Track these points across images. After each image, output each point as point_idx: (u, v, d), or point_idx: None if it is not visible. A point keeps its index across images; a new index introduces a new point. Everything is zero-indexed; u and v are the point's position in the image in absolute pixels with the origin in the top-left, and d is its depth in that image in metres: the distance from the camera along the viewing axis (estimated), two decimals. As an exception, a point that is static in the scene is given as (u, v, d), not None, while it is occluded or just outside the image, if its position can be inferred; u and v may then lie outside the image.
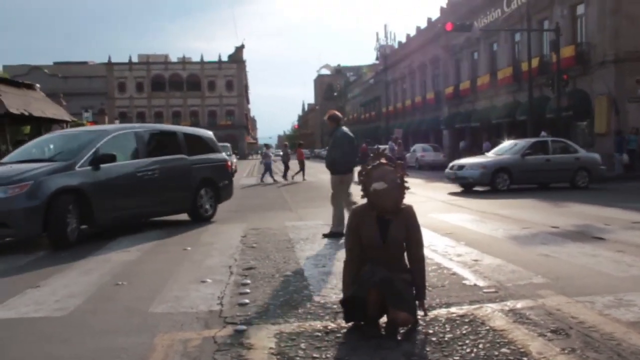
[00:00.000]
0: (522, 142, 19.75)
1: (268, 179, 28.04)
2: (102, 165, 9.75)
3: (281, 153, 29.38)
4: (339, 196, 9.70)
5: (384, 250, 4.59)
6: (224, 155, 13.64)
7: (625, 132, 25.52)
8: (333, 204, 9.71)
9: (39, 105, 21.24)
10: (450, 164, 19.63)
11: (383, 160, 4.73)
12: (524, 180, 18.51)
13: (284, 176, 28.84)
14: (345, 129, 9.99)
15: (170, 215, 12.03)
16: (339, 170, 9.75)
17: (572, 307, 4.95)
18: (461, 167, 18.61)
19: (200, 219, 11.91)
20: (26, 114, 19.39)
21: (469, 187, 18.68)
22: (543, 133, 26.76)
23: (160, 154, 11.24)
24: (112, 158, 9.90)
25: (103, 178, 9.77)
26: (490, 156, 19.52)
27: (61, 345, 4.48)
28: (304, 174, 28.89)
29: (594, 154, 20.59)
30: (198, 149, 12.37)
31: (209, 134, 13.67)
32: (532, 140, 20.10)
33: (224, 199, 12.92)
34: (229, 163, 13.44)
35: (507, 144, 20.87)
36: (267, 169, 28.53)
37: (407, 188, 4.73)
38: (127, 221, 10.74)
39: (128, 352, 4.23)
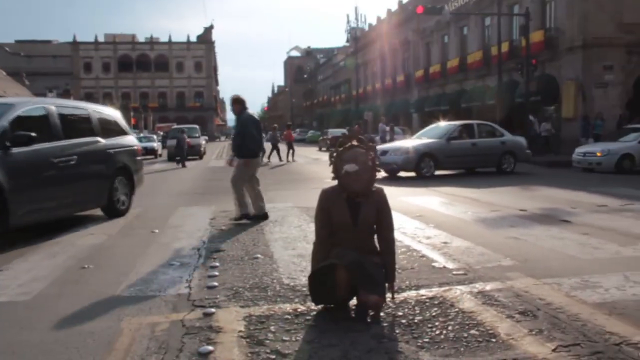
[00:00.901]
0: (447, 126, 19.00)
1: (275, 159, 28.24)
2: (14, 149, 7.82)
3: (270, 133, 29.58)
4: (242, 180, 9.50)
5: (354, 233, 4.57)
6: (134, 138, 12.05)
7: (592, 117, 25.92)
8: (233, 188, 9.51)
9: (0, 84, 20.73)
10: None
11: (355, 142, 4.70)
12: (450, 166, 18.00)
13: (268, 157, 28.80)
14: (250, 112, 9.81)
15: (84, 212, 10.11)
16: (244, 154, 9.55)
17: (539, 289, 5.01)
18: (384, 152, 17.31)
19: (116, 214, 10.17)
20: (-12, 93, 18.92)
21: (392, 173, 17.32)
22: (531, 117, 26.94)
23: (74, 136, 9.37)
24: (28, 139, 7.98)
25: (17, 165, 7.84)
26: (415, 140, 18.75)
27: (25, 330, 4.38)
28: (293, 155, 29.16)
29: (520, 137, 20.32)
30: (110, 131, 10.63)
31: (118, 113, 11.86)
32: (457, 123, 19.31)
33: (136, 189, 11.21)
34: (139, 148, 11.79)
35: (430, 127, 20.20)
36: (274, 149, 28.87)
37: (379, 171, 4.71)
38: (43, 221, 8.69)
39: (94, 336, 4.15)
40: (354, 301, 4.56)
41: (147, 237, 8.20)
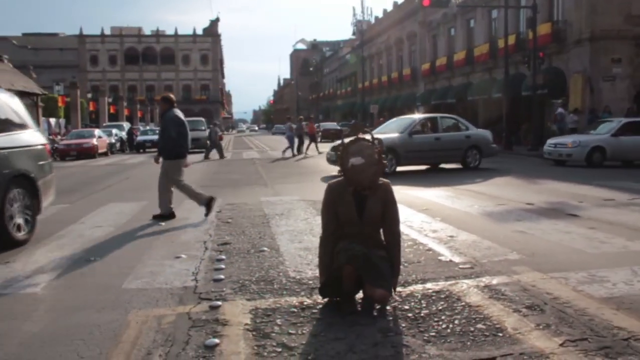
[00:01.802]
0: (409, 119, 17.98)
1: (288, 152, 28.14)
2: None
3: (294, 126, 29.23)
4: (167, 180, 9.25)
5: (360, 226, 4.56)
6: (39, 134, 8.79)
7: (599, 110, 25.78)
8: (159, 187, 9.26)
9: (7, 77, 20.78)
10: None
11: (361, 135, 4.68)
12: (412, 162, 16.84)
13: (299, 150, 28.67)
14: (176, 111, 9.35)
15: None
16: (167, 155, 9.25)
17: (546, 283, 4.99)
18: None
19: (10, 242, 7.09)
20: (-6, 86, 18.93)
21: None
22: (561, 110, 26.21)
23: None
24: None
25: None
26: (376, 135, 17.99)
27: (32, 322, 4.39)
28: (317, 147, 29.01)
29: (485, 131, 19.46)
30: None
31: (16, 99, 8.63)
32: (420, 116, 18.38)
33: (43, 205, 8.16)
34: (48, 146, 9.04)
35: (392, 121, 19.24)
36: (291, 142, 28.70)
37: (385, 164, 4.69)
38: None
39: (101, 328, 4.16)
40: (360, 295, 4.55)
41: (153, 229, 8.22)
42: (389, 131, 17.18)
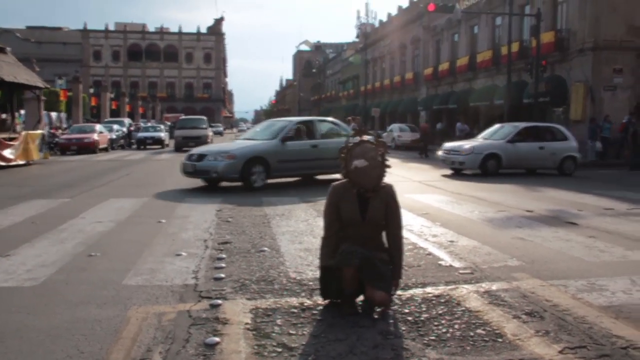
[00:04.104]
0: (282, 123, 15.08)
1: None
2: None
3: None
4: None
5: (362, 228, 4.57)
6: None
7: (600, 119, 25.81)
8: None
9: (10, 69, 20.72)
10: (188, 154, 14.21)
11: (365, 138, 4.69)
12: (284, 173, 14.25)
13: None
14: None
15: None
16: None
17: (546, 291, 5.00)
18: (202, 156, 13.39)
19: None
20: (-3, 78, 18.91)
21: (212, 182, 13.71)
22: (627, 117, 24.30)
23: None
24: None
25: None
26: (241, 142, 14.94)
27: (33, 315, 4.40)
28: None
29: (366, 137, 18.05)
30: None
31: None
32: (295, 120, 15.55)
33: None
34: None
35: (262, 125, 17.09)
36: None
37: (388, 166, 4.70)
38: None
39: (101, 324, 4.17)
40: (361, 297, 4.56)
41: (154, 226, 8.23)
42: (257, 137, 14.85)
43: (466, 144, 18.42)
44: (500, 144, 17.82)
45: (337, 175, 14.17)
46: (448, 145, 19.35)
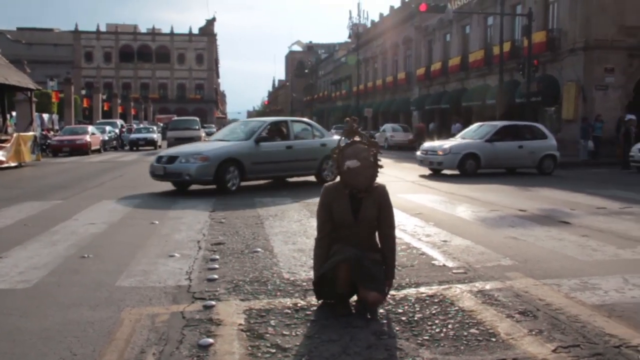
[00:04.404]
0: (255, 123, 14.57)
1: None
2: None
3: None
4: None
5: (355, 229, 4.56)
6: None
7: (592, 119, 25.91)
8: None
9: (1, 71, 20.65)
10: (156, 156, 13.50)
11: (357, 138, 4.69)
12: (259, 175, 13.61)
13: None
14: None
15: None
16: None
17: (539, 290, 5.02)
18: (173, 158, 12.61)
19: None
20: (-12, 80, 18.83)
21: (183, 186, 13.04)
22: (631, 116, 23.52)
23: None
24: None
25: None
26: (215, 143, 13.84)
27: (24, 318, 4.38)
28: None
29: (337, 138, 16.64)
30: None
31: None
32: (268, 120, 14.83)
33: None
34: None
35: (232, 126, 16.07)
36: None
37: (381, 167, 4.70)
38: None
39: (94, 326, 4.15)
40: (354, 297, 4.56)
41: (147, 227, 8.20)
42: (229, 137, 14.18)
43: (444, 144, 18.18)
44: (479, 143, 17.60)
45: (311, 178, 13.72)
46: (426, 145, 19.09)
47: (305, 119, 17.35)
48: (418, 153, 18.92)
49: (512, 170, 18.73)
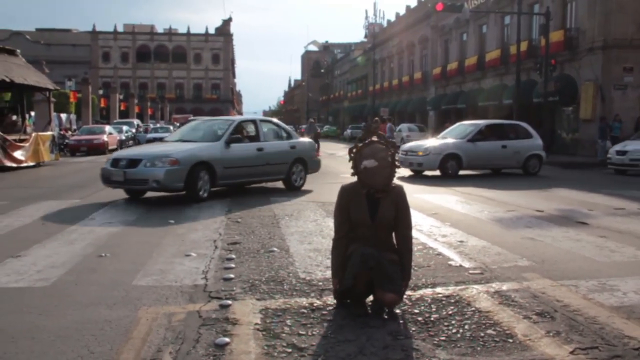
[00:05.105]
0: (222, 122, 13.27)
1: None
2: None
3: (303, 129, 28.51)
4: None
5: (372, 229, 4.55)
6: None
7: (610, 119, 25.65)
8: None
9: (20, 71, 20.84)
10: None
11: (374, 138, 4.68)
12: (230, 180, 11.92)
13: None
14: None
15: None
16: None
17: (556, 291, 4.98)
18: (135, 161, 10.88)
19: None
20: (7, 80, 19.00)
21: (141, 193, 11.65)
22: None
23: None
24: None
25: None
26: (179, 145, 11.86)
27: (43, 316, 4.42)
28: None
29: (308, 140, 15.08)
30: None
31: None
32: (236, 119, 13.67)
33: None
34: None
35: (194, 125, 14.10)
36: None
37: (398, 167, 4.68)
38: None
39: (112, 324, 4.18)
40: (370, 297, 4.55)
41: (163, 227, 8.24)
42: (192, 138, 12.49)
43: (424, 144, 17.70)
44: (461, 143, 16.98)
45: (280, 184, 13.23)
46: (407, 145, 18.58)
47: (273, 119, 16.23)
48: (399, 154, 18.28)
49: (497, 170, 18.28)
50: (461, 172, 16.99)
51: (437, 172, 16.77)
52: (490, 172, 18.25)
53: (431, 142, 18.06)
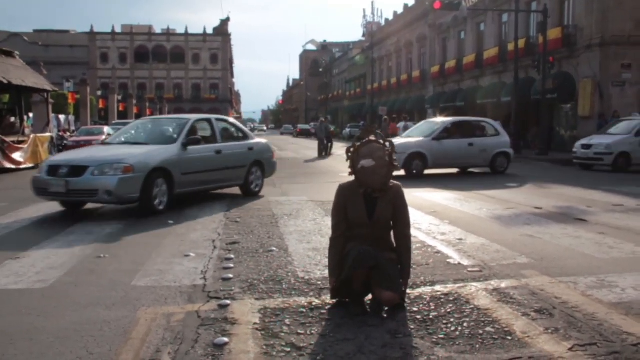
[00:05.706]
0: (171, 121, 11.94)
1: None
2: None
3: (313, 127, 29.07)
4: None
5: (370, 228, 4.55)
6: None
7: (608, 115, 25.67)
8: None
9: (18, 73, 20.84)
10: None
11: (372, 138, 4.68)
12: (188, 186, 10.38)
13: (328, 152, 28.52)
14: None
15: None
16: None
17: (555, 288, 4.98)
18: (79, 168, 9.15)
19: None
20: (5, 81, 19.01)
21: (81, 205, 10.11)
22: (635, 113, 23.60)
23: None
24: None
25: None
26: (131, 148, 10.25)
27: (42, 317, 4.42)
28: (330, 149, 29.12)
29: (264, 141, 13.38)
30: None
31: None
32: (191, 117, 11.37)
33: None
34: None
35: (137, 125, 12.51)
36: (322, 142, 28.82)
37: (396, 166, 4.68)
38: None
39: (111, 325, 4.18)
40: (369, 296, 4.55)
41: (162, 227, 8.24)
42: (140, 139, 11.08)
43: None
44: (425, 141, 16.38)
45: (237, 190, 12.69)
46: None
47: (228, 117, 14.93)
48: None
49: (464, 169, 18.01)
50: (426, 172, 16.41)
51: (402, 172, 15.66)
52: (457, 171, 17.97)
53: (395, 140, 17.75)
